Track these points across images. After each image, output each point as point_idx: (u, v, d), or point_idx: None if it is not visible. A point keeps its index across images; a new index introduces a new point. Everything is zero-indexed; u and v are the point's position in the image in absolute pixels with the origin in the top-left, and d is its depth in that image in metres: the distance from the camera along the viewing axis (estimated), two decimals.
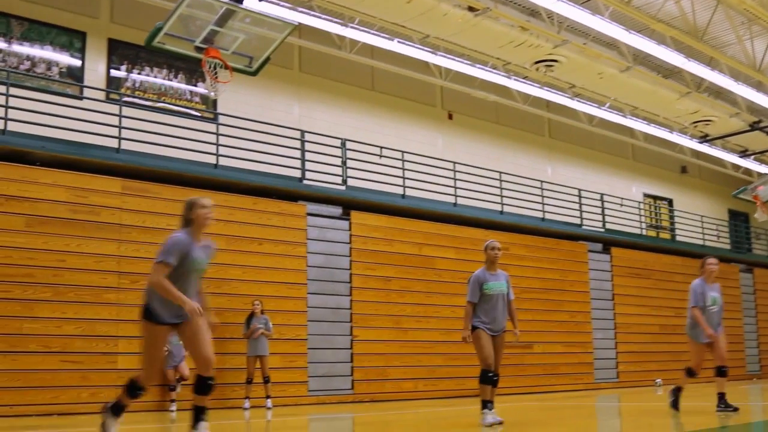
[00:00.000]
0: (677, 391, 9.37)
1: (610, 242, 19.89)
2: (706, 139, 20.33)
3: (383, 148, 15.96)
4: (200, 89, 14.88)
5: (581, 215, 19.77)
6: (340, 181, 15.25)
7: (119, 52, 14.13)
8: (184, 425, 9.45)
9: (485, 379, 7.96)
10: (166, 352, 11.10)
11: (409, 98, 18.44)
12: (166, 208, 12.37)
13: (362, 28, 14.78)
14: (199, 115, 14.86)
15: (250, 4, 9.60)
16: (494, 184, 17.95)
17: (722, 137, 20.13)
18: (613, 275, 19.59)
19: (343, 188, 15.20)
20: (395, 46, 15.28)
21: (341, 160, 15.38)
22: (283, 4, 13.37)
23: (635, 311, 19.64)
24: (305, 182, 14.62)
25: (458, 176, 17.31)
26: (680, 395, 9.34)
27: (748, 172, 24.40)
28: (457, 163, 17.32)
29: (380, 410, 12.17)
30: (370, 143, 15.96)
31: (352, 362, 14.31)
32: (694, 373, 9.15)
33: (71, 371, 11.06)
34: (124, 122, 12.66)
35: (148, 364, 5.96)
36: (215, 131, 13.86)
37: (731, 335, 9.59)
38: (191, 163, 13.32)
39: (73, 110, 12.36)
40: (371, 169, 15.68)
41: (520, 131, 20.75)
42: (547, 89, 17.92)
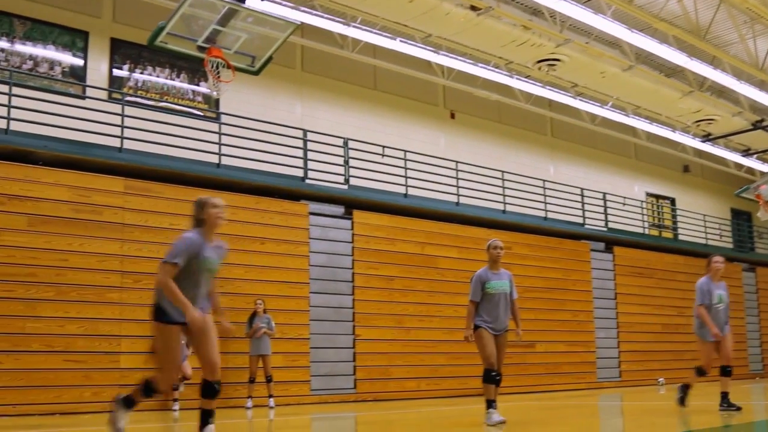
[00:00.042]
0: (685, 388, 9.33)
1: (612, 241, 19.88)
2: (708, 138, 20.32)
3: (386, 147, 15.97)
4: (203, 89, 14.89)
5: (584, 214, 19.76)
6: (342, 180, 15.25)
7: (122, 51, 14.14)
8: (186, 424, 9.48)
9: (488, 378, 7.95)
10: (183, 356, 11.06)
11: (411, 97, 18.44)
12: (168, 207, 12.40)
13: (364, 27, 14.78)
14: (201, 114, 14.87)
15: (252, 3, 9.61)
16: (497, 183, 17.94)
17: (725, 136, 20.12)
18: (615, 274, 19.58)
19: (345, 187, 15.20)
20: (397, 45, 15.28)
21: (344, 159, 15.38)
22: (285, 3, 13.37)
23: (638, 310, 19.63)
24: (308, 181, 14.61)
25: (461, 175, 17.30)
26: (688, 393, 9.30)
27: (750, 171, 24.38)
28: (459, 162, 17.31)
29: (383, 409, 12.17)
30: (372, 142, 15.96)
31: (354, 361, 14.31)
32: (704, 372, 9.11)
33: (74, 370, 11.06)
34: (126, 122, 12.67)
35: (162, 365, 5.80)
36: (218, 131, 13.87)
37: (734, 334, 9.57)
38: (194, 162, 13.33)
39: (75, 110, 12.37)
40: (374, 168, 15.68)
41: (522, 130, 20.74)
42: (549, 88, 17.91)
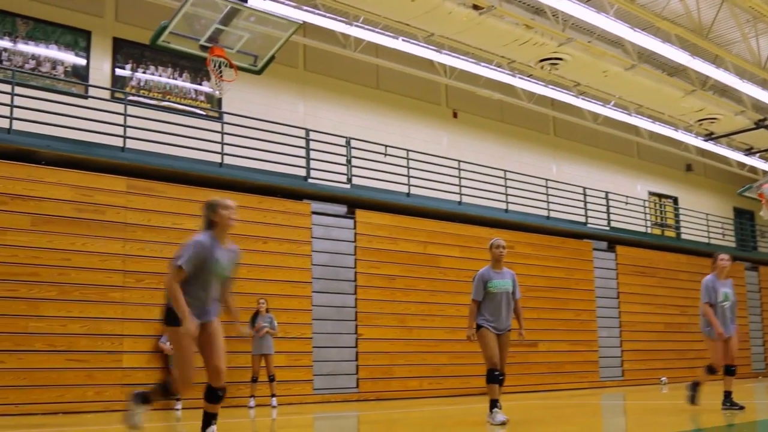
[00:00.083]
0: (695, 386, 9.23)
1: (615, 240, 19.87)
2: (711, 137, 20.28)
3: (388, 146, 15.97)
4: (205, 88, 14.89)
5: (586, 213, 19.74)
6: (344, 179, 15.25)
7: (124, 51, 14.14)
8: (188, 424, 9.48)
9: (492, 378, 7.94)
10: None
11: (413, 97, 18.43)
12: (171, 206, 12.41)
13: (367, 26, 14.78)
14: (204, 113, 14.87)
15: (254, 2, 9.61)
16: (499, 182, 17.93)
17: (727, 135, 20.09)
18: (618, 273, 19.57)
19: (347, 187, 15.20)
20: (400, 44, 15.27)
21: (346, 158, 15.38)
22: (287, 2, 13.36)
23: (640, 309, 19.61)
24: (310, 181, 14.62)
25: (463, 175, 17.29)
26: (699, 390, 9.20)
27: (753, 170, 24.35)
28: (461, 161, 17.30)
29: (385, 409, 12.17)
30: (374, 142, 15.96)
31: (357, 361, 14.32)
32: (714, 370, 9.04)
33: (76, 370, 11.08)
34: (129, 121, 12.68)
35: (179, 367, 5.70)
36: (220, 130, 13.88)
37: (737, 333, 9.56)
38: (196, 161, 13.34)
39: (78, 109, 12.38)
40: (376, 167, 15.68)
41: (524, 129, 20.73)
42: (551, 87, 17.90)
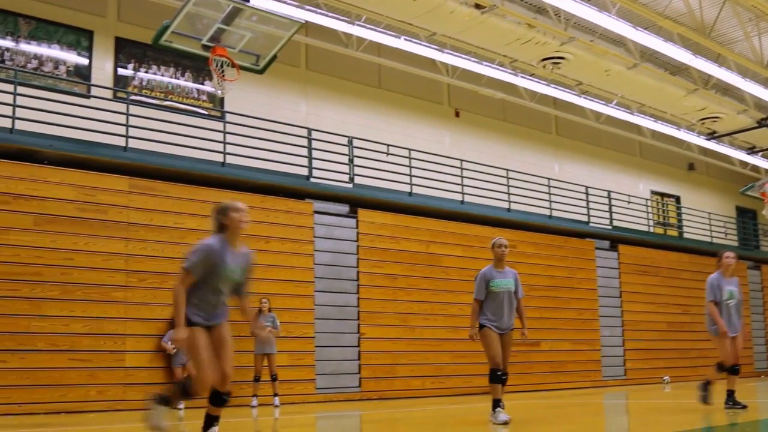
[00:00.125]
0: (707, 385, 9.13)
1: (617, 239, 19.85)
2: (713, 136, 20.27)
3: (390, 145, 15.96)
4: (207, 87, 14.90)
5: (588, 212, 19.73)
6: (347, 178, 15.25)
7: (126, 50, 14.15)
8: (191, 423, 9.48)
9: (494, 378, 7.94)
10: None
11: (415, 96, 18.43)
12: (173, 206, 12.42)
13: (369, 25, 14.78)
14: (206, 113, 14.88)
15: (256, 2, 9.61)
16: (501, 181, 17.92)
17: (730, 134, 20.07)
18: (620, 272, 19.55)
19: (350, 186, 15.20)
20: (402, 43, 15.27)
21: (348, 157, 15.37)
22: (289, 2, 13.37)
23: (643, 308, 19.59)
24: (312, 180, 14.62)
25: (465, 174, 17.28)
26: (710, 390, 9.10)
27: (755, 169, 24.34)
28: (464, 160, 17.29)
29: (388, 408, 12.17)
30: (377, 141, 15.95)
31: (359, 360, 14.32)
32: (725, 367, 8.99)
33: (79, 369, 11.08)
34: (131, 121, 12.68)
35: (195, 368, 5.65)
36: (222, 129, 13.88)
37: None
38: (198, 161, 13.34)
39: (80, 109, 12.39)
40: (378, 166, 15.68)
41: (527, 129, 20.72)
42: (554, 86, 17.89)
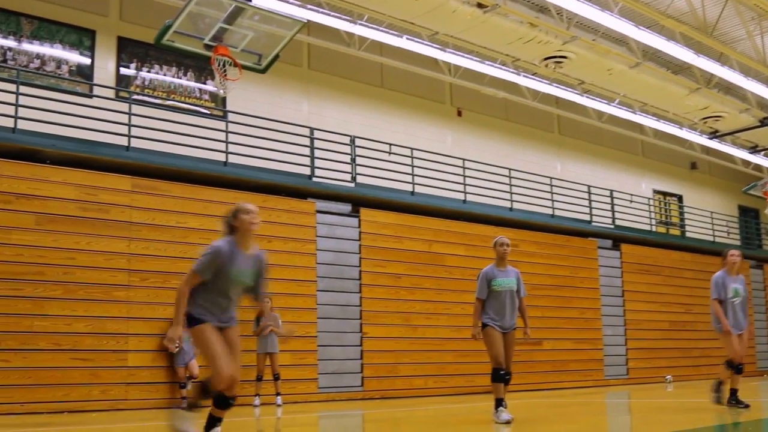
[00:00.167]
0: (719, 385, 9.06)
1: (619, 239, 19.84)
2: (716, 135, 20.26)
3: (392, 145, 15.95)
4: (209, 87, 14.89)
5: (591, 212, 19.71)
6: (349, 178, 15.25)
7: (129, 50, 14.15)
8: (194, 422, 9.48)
9: (497, 377, 7.94)
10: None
11: (418, 95, 18.43)
12: (175, 205, 12.42)
13: (371, 25, 14.77)
14: (208, 112, 14.88)
15: (259, 1, 9.61)
16: (504, 180, 17.91)
17: (732, 133, 20.05)
18: (622, 272, 19.53)
19: (352, 185, 15.20)
20: (404, 43, 15.26)
21: (350, 157, 15.37)
22: (291, 1, 13.35)
23: (645, 308, 19.58)
24: (314, 179, 14.61)
25: (467, 173, 17.27)
26: (724, 390, 9.02)
27: (758, 168, 24.32)
28: (466, 159, 17.28)
29: (390, 407, 12.17)
30: (379, 140, 15.94)
31: (361, 359, 14.31)
32: (734, 364, 8.92)
33: (81, 369, 11.08)
34: (133, 120, 12.68)
35: (211, 364, 5.55)
36: (224, 129, 13.87)
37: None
38: (200, 160, 13.33)
39: (82, 108, 12.38)
40: (380, 166, 15.66)
41: (529, 128, 20.71)
42: (556, 86, 17.87)
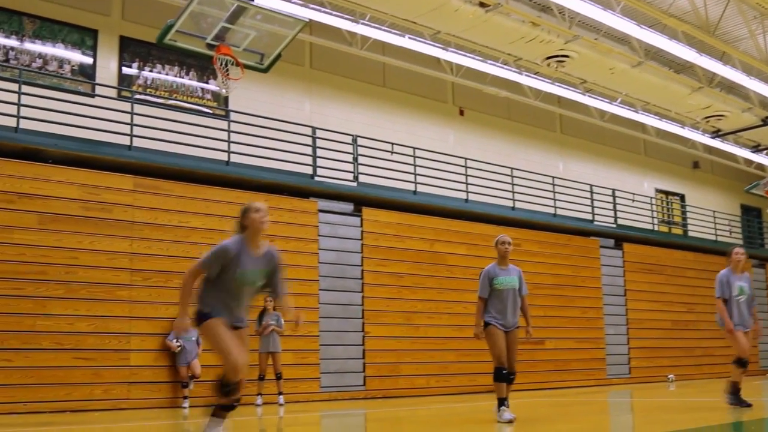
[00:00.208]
0: (734, 387, 8.88)
1: (622, 238, 19.83)
2: (718, 134, 20.25)
3: (394, 144, 15.96)
4: (212, 86, 14.90)
5: (593, 211, 19.71)
6: (351, 177, 15.25)
7: (131, 49, 14.16)
8: (195, 422, 9.49)
9: (499, 376, 7.93)
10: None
11: (420, 94, 18.42)
12: (177, 205, 12.43)
13: (373, 24, 14.76)
14: (210, 112, 14.89)
15: (261, 1, 9.62)
16: (506, 180, 17.90)
17: (734, 132, 20.03)
18: (625, 271, 19.53)
19: (354, 185, 15.20)
20: (406, 42, 15.25)
21: (352, 156, 15.38)
22: (294, 0, 13.35)
23: (647, 307, 19.57)
24: (316, 179, 14.62)
25: (470, 172, 17.27)
26: (739, 391, 8.87)
27: (760, 167, 24.28)
28: (468, 159, 17.28)
29: (392, 406, 12.17)
30: (381, 139, 15.95)
31: (364, 359, 14.32)
32: (744, 361, 8.84)
33: (84, 368, 11.10)
34: (135, 119, 12.70)
35: (223, 356, 5.48)
36: (227, 128, 13.88)
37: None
38: (203, 160, 13.35)
39: (85, 108, 12.41)
40: (382, 165, 15.66)
41: (531, 127, 20.71)
42: (558, 85, 17.86)
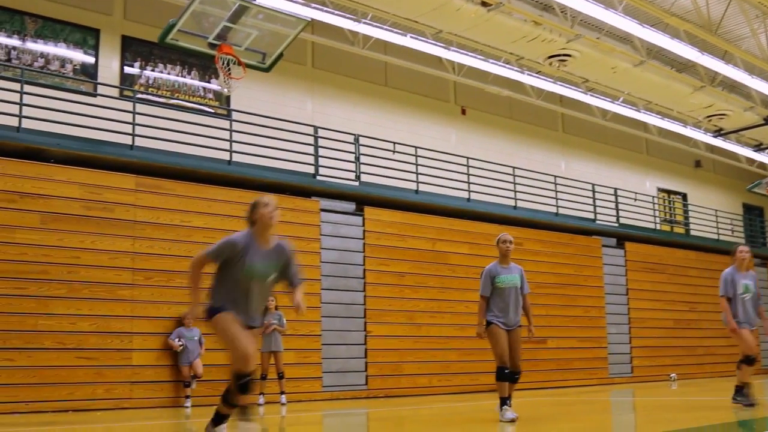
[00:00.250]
0: (743, 388, 8.88)
1: (624, 237, 19.82)
2: (720, 133, 20.23)
3: (396, 143, 15.96)
4: (214, 86, 14.90)
5: (595, 210, 19.70)
6: (353, 176, 15.25)
7: (133, 49, 14.17)
8: (197, 421, 9.50)
9: (501, 375, 7.93)
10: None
11: (422, 94, 18.42)
12: (179, 204, 12.44)
13: (375, 23, 14.76)
14: (212, 111, 14.89)
15: (263, 0, 9.61)
16: (508, 179, 17.90)
17: (736, 131, 19.99)
18: (627, 270, 19.52)
19: (356, 184, 15.20)
20: (408, 41, 15.25)
21: (354, 155, 15.37)
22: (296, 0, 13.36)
23: (649, 306, 19.56)
24: (318, 178, 14.62)
25: (471, 171, 17.26)
26: (749, 391, 8.85)
27: (762, 166, 24.25)
28: (470, 158, 17.27)
29: (394, 406, 12.17)
30: (383, 139, 15.95)
31: (366, 358, 14.31)
32: (751, 359, 8.86)
33: (86, 368, 11.10)
34: (137, 119, 12.70)
35: (232, 346, 5.40)
36: (228, 127, 13.89)
37: None
38: (205, 159, 13.35)
39: (86, 107, 12.41)
40: (384, 164, 15.66)
41: (533, 126, 20.70)
42: (560, 84, 17.85)
